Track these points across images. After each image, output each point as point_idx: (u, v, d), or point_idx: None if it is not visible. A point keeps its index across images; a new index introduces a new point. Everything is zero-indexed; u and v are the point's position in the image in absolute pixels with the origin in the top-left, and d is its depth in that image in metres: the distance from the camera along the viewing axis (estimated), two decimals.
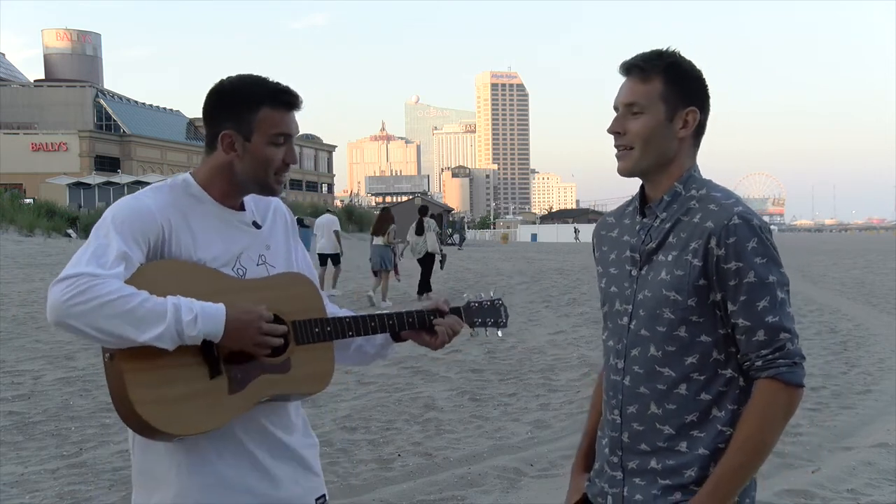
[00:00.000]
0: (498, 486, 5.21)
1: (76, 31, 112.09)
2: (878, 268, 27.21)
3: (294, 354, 2.06)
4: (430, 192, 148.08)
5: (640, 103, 1.90)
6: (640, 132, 1.90)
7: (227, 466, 2.02)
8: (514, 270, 25.29)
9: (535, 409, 7.32)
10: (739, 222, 1.83)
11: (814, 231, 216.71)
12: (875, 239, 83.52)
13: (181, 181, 2.10)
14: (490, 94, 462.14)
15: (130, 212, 1.96)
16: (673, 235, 1.90)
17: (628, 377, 1.94)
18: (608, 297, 2.03)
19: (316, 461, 2.23)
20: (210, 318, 1.88)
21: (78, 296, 1.79)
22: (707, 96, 1.96)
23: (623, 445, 1.96)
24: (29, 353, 10.18)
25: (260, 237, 2.14)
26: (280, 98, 2.03)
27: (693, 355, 1.87)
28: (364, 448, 6.03)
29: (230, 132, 2.03)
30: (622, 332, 1.96)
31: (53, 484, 5.29)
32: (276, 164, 2.05)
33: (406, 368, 9.06)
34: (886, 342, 10.99)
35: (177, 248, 1.99)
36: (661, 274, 1.89)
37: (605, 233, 2.11)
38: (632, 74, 1.93)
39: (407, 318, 2.26)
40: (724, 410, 1.87)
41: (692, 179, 1.94)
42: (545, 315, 14.37)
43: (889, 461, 5.64)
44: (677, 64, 1.92)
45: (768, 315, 1.82)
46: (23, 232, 34.39)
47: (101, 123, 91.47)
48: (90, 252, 1.88)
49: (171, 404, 1.90)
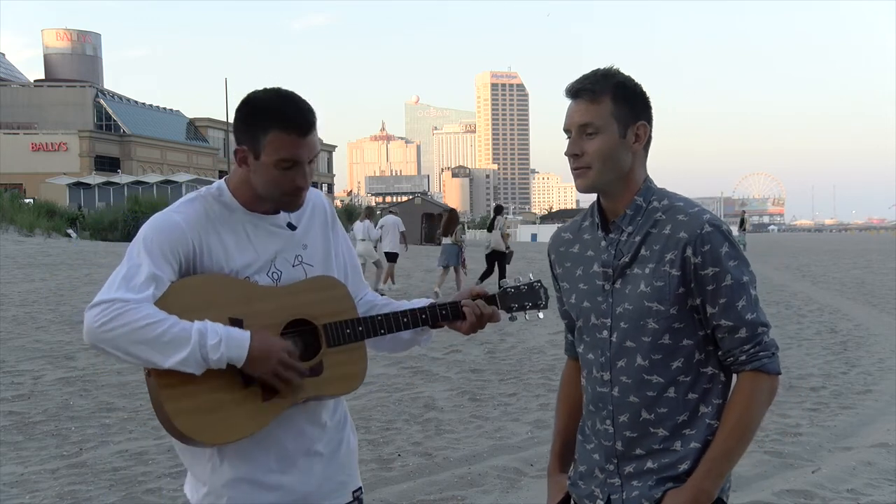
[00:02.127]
0: (498, 486, 5.21)
1: (76, 31, 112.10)
2: (878, 268, 27.20)
3: (326, 357, 2.10)
4: (430, 192, 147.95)
5: (594, 124, 1.97)
6: (598, 151, 1.97)
7: (261, 465, 2.08)
8: (514, 271, 25.20)
9: (535, 409, 7.32)
10: (711, 230, 1.93)
11: (814, 231, 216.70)
12: (875, 239, 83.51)
13: (215, 189, 2.14)
14: (490, 94, 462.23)
15: (161, 230, 2.02)
16: (645, 248, 1.98)
17: (616, 388, 2.01)
18: (581, 312, 2.08)
19: (353, 458, 2.29)
20: (234, 345, 1.94)
21: (109, 322, 1.89)
22: (651, 110, 2.03)
23: (618, 453, 2.03)
24: (29, 353, 10.18)
25: (295, 238, 2.17)
26: (290, 124, 2.03)
27: (678, 359, 1.97)
28: (364, 448, 6.04)
29: (243, 147, 2.07)
30: (603, 346, 2.03)
31: (53, 484, 5.29)
32: (284, 186, 2.06)
33: (406, 368, 9.06)
34: (886, 342, 10.99)
35: (209, 260, 2.03)
36: (639, 286, 1.97)
37: (564, 249, 2.17)
38: (581, 97, 1.99)
39: (440, 310, 2.27)
40: (710, 406, 1.99)
41: (650, 191, 2.03)
42: (545, 315, 14.34)
43: (889, 461, 5.64)
44: (623, 83, 1.99)
45: (747, 313, 1.94)
46: (23, 232, 34.41)
47: (101, 123, 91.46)
48: (122, 275, 1.96)
49: (207, 414, 1.97)
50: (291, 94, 2.08)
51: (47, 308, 14.36)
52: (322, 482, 2.16)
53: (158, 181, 61.51)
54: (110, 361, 9.32)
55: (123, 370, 8.79)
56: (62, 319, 12.92)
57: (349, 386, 2.17)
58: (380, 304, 2.37)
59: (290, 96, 2.07)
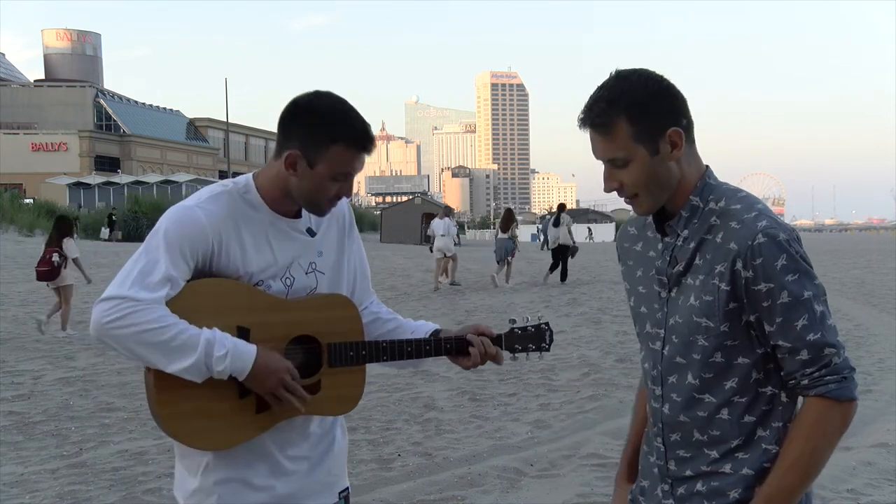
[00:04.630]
0: (498, 486, 5.21)
1: (76, 31, 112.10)
2: (878, 268, 27.18)
3: (325, 376, 2.10)
4: (430, 192, 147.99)
5: (619, 157, 1.78)
6: (637, 181, 1.79)
7: (249, 466, 2.08)
8: (514, 271, 25.23)
9: (535, 409, 7.31)
10: (764, 240, 1.72)
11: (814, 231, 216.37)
12: (875, 239, 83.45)
13: (242, 185, 2.11)
14: (490, 94, 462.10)
15: (183, 228, 1.99)
16: (699, 257, 1.80)
17: (667, 405, 1.87)
18: (638, 318, 1.95)
19: (342, 459, 2.28)
20: (239, 358, 1.94)
21: (118, 320, 1.89)
22: (676, 101, 1.80)
23: (671, 474, 1.90)
24: (29, 353, 10.18)
25: (312, 245, 2.15)
26: (359, 142, 2.02)
27: (732, 379, 1.79)
28: (364, 448, 6.03)
29: (297, 152, 2.02)
30: (656, 358, 1.89)
31: (53, 484, 5.29)
32: (329, 195, 2.05)
33: (406, 368, 9.05)
34: (886, 342, 10.98)
35: (226, 261, 2.02)
36: (690, 299, 1.80)
37: (628, 245, 2.01)
38: (595, 130, 1.80)
39: (445, 344, 2.25)
40: (768, 429, 1.80)
41: (707, 188, 1.83)
42: (545, 315, 14.33)
43: (889, 461, 5.64)
44: (632, 103, 1.76)
45: (809, 333, 1.72)
46: (23, 232, 34.41)
47: (101, 123, 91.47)
48: (138, 269, 1.94)
49: (199, 420, 1.98)
50: (351, 106, 2.05)
51: (47, 308, 14.35)
52: (309, 484, 2.16)
53: (158, 181, 61.57)
54: (110, 361, 9.33)
55: (123, 370, 8.80)
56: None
57: (344, 408, 2.17)
58: (384, 317, 2.36)
59: (353, 110, 2.04)
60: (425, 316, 14.99)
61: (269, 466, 2.09)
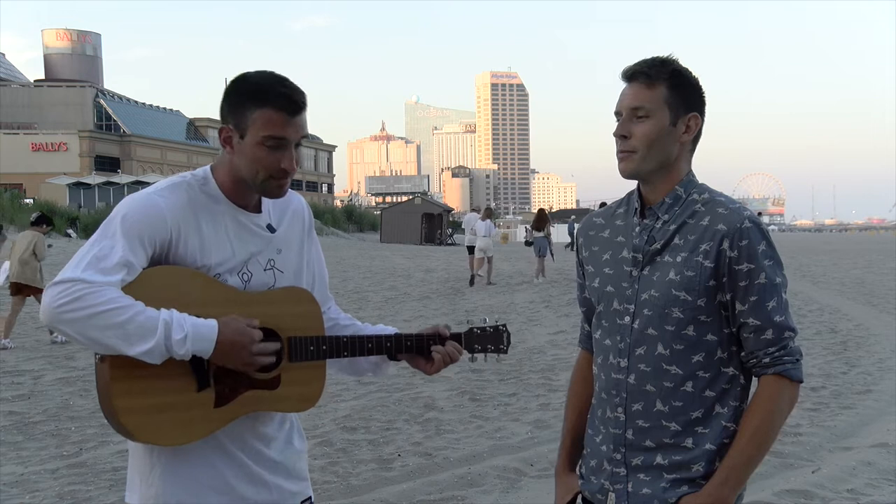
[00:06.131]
0: (498, 486, 5.21)
1: (76, 31, 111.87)
2: (878, 268, 27.20)
3: (285, 372, 2.04)
4: (430, 192, 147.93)
5: (646, 107, 1.95)
6: (646, 135, 1.95)
7: (208, 468, 2.01)
8: (515, 271, 25.26)
9: (535, 409, 7.32)
10: (751, 226, 1.92)
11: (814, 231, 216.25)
12: (875, 239, 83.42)
13: (201, 177, 2.05)
14: (490, 94, 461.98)
15: (141, 214, 1.92)
16: (679, 237, 1.96)
17: (633, 375, 1.98)
18: (603, 297, 2.06)
19: (302, 466, 2.21)
20: (201, 336, 1.87)
21: (71, 303, 1.78)
22: (705, 104, 2.02)
23: (626, 442, 2.00)
24: (29, 353, 10.19)
25: (272, 241, 2.10)
26: (279, 101, 1.96)
27: (699, 353, 1.94)
28: (364, 448, 6.04)
29: (229, 127, 2.00)
30: (624, 331, 2.00)
31: (53, 484, 5.29)
32: (269, 167, 1.98)
33: (406, 368, 8.98)
34: (886, 342, 10.99)
35: (183, 252, 1.96)
36: (668, 274, 1.95)
37: (594, 233, 2.15)
38: (636, 80, 1.98)
39: (406, 341, 2.23)
40: (726, 407, 1.96)
41: (692, 183, 2.01)
42: (545, 315, 14.37)
43: (889, 461, 5.64)
44: (680, 71, 1.98)
45: (776, 315, 1.91)
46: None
47: (101, 123, 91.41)
48: (93, 254, 1.85)
49: (155, 415, 1.90)
50: (282, 77, 2.02)
51: None
52: (269, 491, 2.10)
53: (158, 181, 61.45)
54: None
55: None
56: None
57: (303, 406, 2.10)
58: (342, 322, 2.31)
59: (281, 77, 2.01)
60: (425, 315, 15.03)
61: (227, 466, 2.03)
